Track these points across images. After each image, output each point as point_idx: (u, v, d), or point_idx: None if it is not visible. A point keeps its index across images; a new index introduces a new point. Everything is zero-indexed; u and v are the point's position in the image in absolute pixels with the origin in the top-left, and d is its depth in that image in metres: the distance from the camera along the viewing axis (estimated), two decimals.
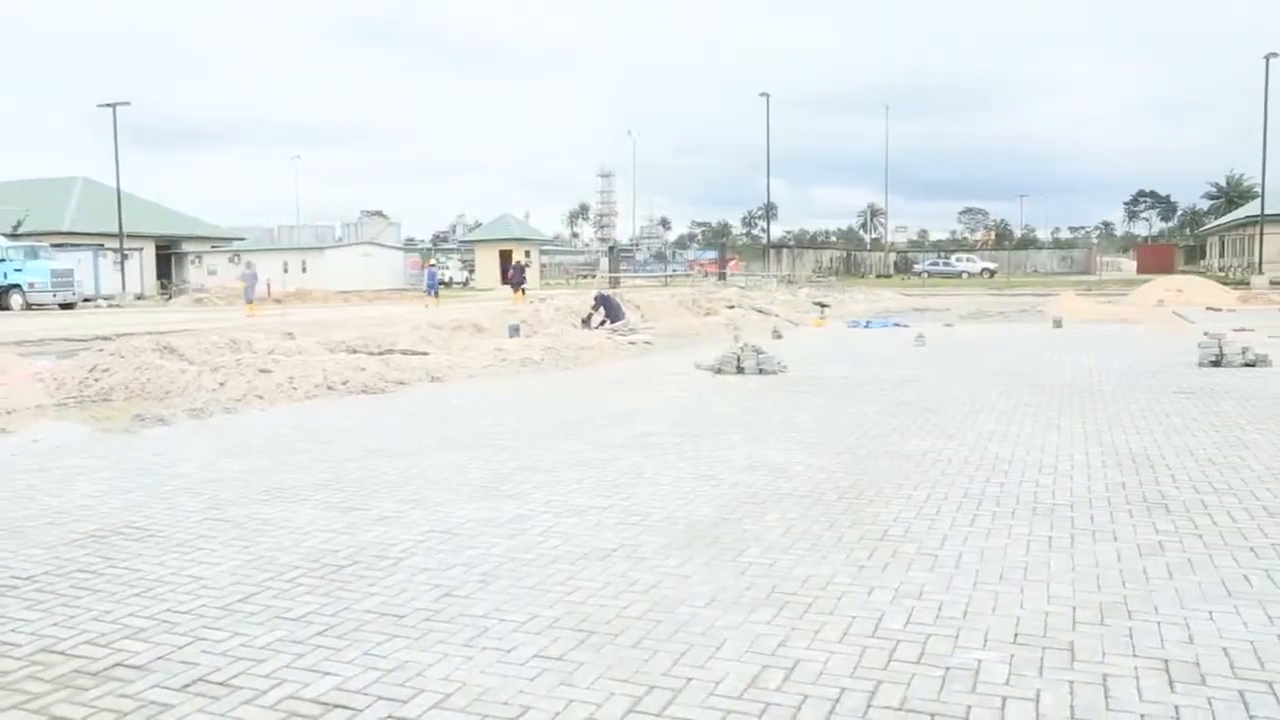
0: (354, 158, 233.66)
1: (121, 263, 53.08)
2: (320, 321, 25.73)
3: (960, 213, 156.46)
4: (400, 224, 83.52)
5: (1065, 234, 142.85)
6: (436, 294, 43.62)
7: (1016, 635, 3.92)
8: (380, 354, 14.51)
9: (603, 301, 20.70)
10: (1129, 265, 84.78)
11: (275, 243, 71.24)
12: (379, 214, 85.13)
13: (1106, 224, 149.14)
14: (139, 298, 52.72)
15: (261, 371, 11.99)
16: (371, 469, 7.34)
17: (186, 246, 66.27)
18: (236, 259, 66.69)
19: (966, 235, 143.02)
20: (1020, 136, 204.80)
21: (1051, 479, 6.71)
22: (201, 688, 3.56)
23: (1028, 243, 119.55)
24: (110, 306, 44.67)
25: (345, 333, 18.51)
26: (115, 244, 52.97)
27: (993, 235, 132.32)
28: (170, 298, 52.60)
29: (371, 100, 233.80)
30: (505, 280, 51.03)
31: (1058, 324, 22.20)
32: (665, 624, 4.09)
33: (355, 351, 14.92)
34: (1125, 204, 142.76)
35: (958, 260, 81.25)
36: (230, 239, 70.48)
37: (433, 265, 51.29)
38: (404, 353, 14.82)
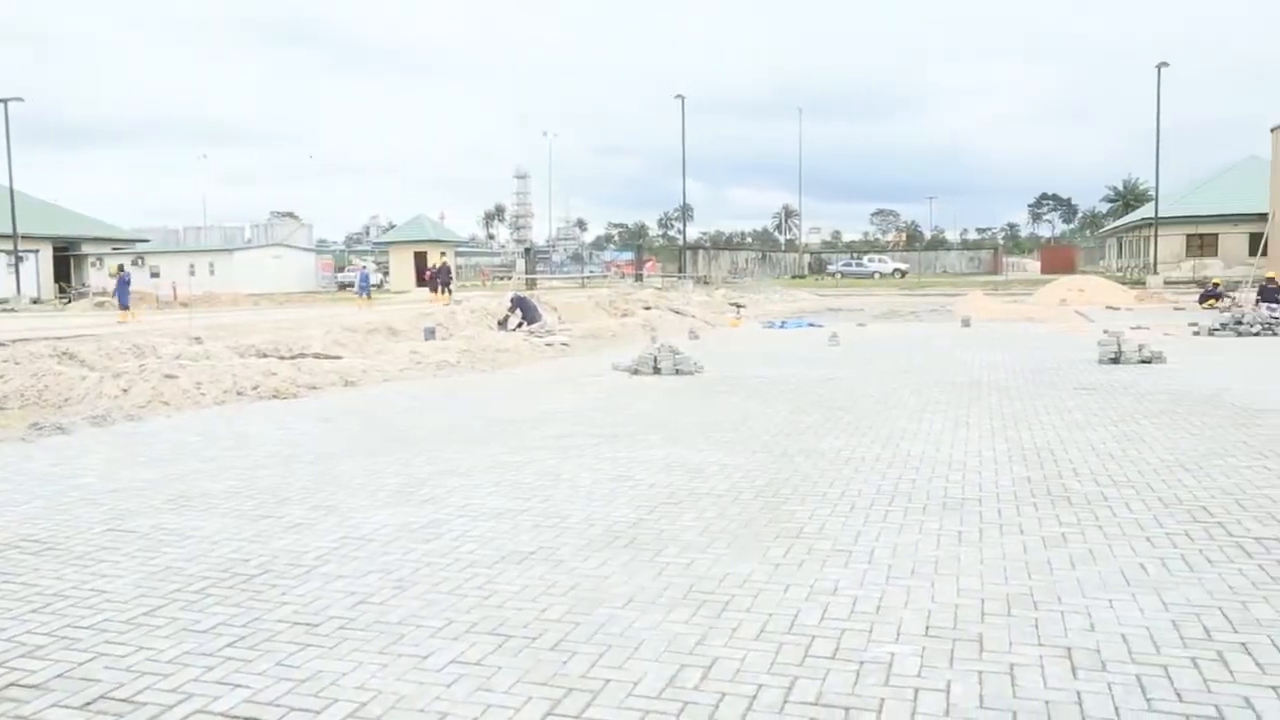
0: (263, 158, 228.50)
1: (15, 265, 50.96)
2: (229, 325, 25.08)
3: (872, 214, 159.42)
4: (312, 226, 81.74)
5: (973, 235, 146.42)
6: (369, 295, 44.21)
7: (928, 628, 4.01)
8: (292, 358, 14.22)
9: (519, 303, 20.58)
10: (1033, 266, 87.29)
11: (181, 244, 69.21)
12: (290, 215, 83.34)
13: (1012, 225, 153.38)
14: (35, 302, 50.73)
15: (167, 377, 11.65)
16: (283, 475, 7.18)
17: (86, 248, 63.98)
18: (140, 261, 64.74)
19: (879, 236, 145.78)
20: (930, 140, 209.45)
21: (961, 474, 6.88)
22: (104, 705, 3.44)
23: (937, 244, 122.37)
24: (3, 311, 42.91)
25: (255, 337, 18.08)
26: (8, 245, 50.83)
27: (904, 236, 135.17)
28: (69, 301, 50.73)
29: (280, 100, 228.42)
30: (423, 282, 50.60)
31: (966, 323, 22.79)
32: (583, 626, 4.09)
33: (266, 356, 14.59)
34: (1029, 206, 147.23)
35: (870, 261, 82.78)
36: (133, 240, 68.27)
37: (364, 267, 51.55)
38: (316, 356, 14.55)
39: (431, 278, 49.82)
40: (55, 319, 34.86)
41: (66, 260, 62.34)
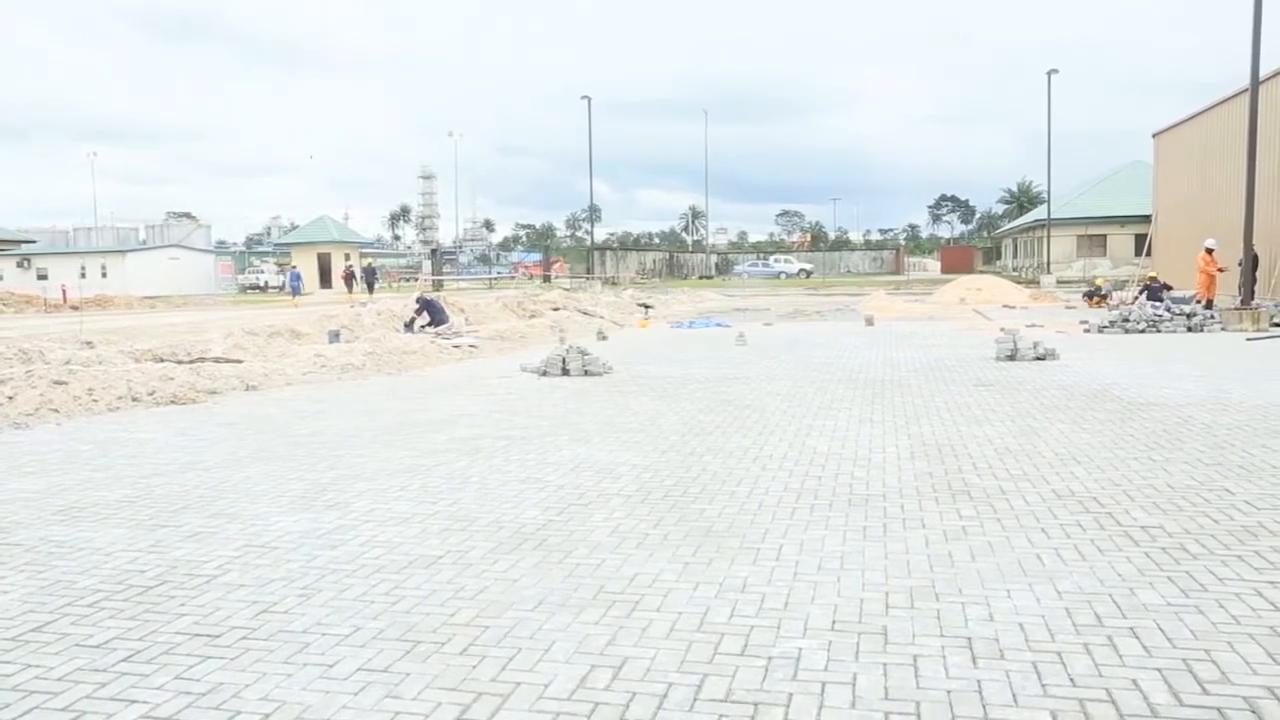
0: (156, 158, 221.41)
1: None
2: (123, 329, 24.23)
3: (778, 215, 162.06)
4: (210, 227, 79.47)
5: (876, 235, 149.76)
6: (297, 293, 45.39)
7: (834, 623, 4.08)
8: (191, 362, 13.80)
9: (426, 305, 20.32)
10: (934, 265, 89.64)
11: (71, 245, 66.61)
12: (187, 216, 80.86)
13: (913, 226, 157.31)
14: None
15: (56, 383, 11.19)
16: (181, 483, 6.97)
17: None
18: (26, 263, 62.10)
19: (784, 237, 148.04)
20: (833, 142, 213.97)
21: (865, 470, 7.02)
22: None
23: (841, 244, 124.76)
24: None
25: (151, 340, 17.51)
26: None
27: (809, 237, 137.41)
28: None
29: (177, 98, 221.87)
30: (322, 282, 50.19)
31: (869, 322, 23.28)
32: (493, 629, 4.06)
33: (163, 360, 14.14)
34: (929, 207, 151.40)
35: (776, 261, 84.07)
36: (19, 241, 65.35)
37: (294, 267, 51.45)
38: (216, 360, 14.15)
39: (348, 277, 49.72)
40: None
41: None
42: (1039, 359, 14.00)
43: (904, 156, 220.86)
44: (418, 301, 20.77)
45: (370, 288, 49.05)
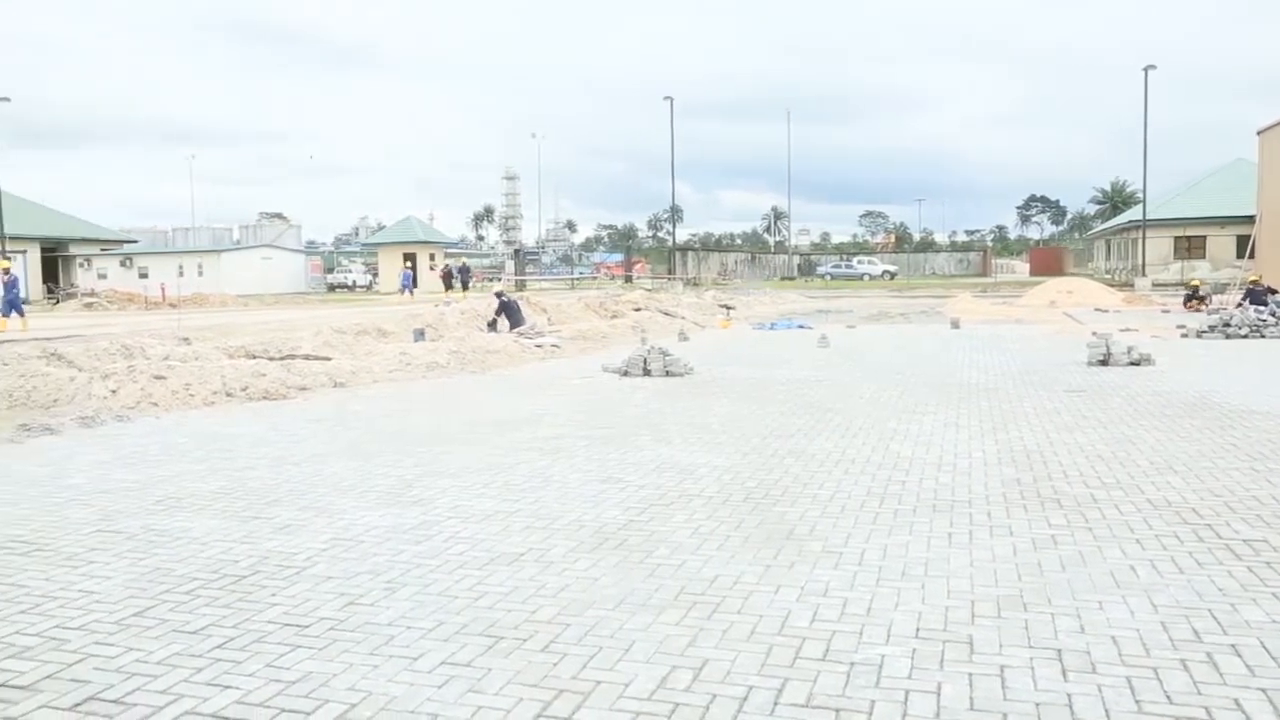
0: (252, 159, 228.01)
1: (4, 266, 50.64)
2: (218, 326, 25.00)
3: (861, 216, 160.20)
4: (301, 227, 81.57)
5: (962, 237, 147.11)
6: (412, 292, 47.82)
7: (918, 630, 4.01)
8: (281, 359, 14.17)
9: (505, 306, 20.51)
10: (1022, 268, 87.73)
11: (170, 246, 68.99)
12: (279, 216, 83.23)
13: (1001, 227, 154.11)
14: (24, 302, 50.44)
15: (156, 378, 11.60)
16: (273, 476, 7.16)
17: (74, 249, 63.69)
18: (128, 263, 64.45)
19: (868, 238, 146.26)
20: (919, 142, 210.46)
21: (951, 476, 6.89)
22: (93, 706, 3.42)
23: (926, 245, 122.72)
24: None
25: (245, 337, 18.03)
26: None
27: (893, 238, 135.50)
28: (58, 302, 50.52)
29: (268, 101, 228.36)
30: (444, 280, 51.89)
31: (955, 325, 22.85)
32: (574, 627, 4.09)
33: (255, 357, 14.54)
34: (1018, 208, 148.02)
35: (859, 263, 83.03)
36: (121, 241, 68.00)
37: (408, 268, 54.04)
38: (306, 358, 14.51)
39: (446, 276, 51.64)
40: (46, 319, 34.70)
41: (55, 261, 62.03)
42: (1133, 364, 13.59)
43: (991, 156, 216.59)
44: (496, 296, 20.98)
45: (465, 286, 50.37)
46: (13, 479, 7.23)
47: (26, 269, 55.40)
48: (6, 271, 30.67)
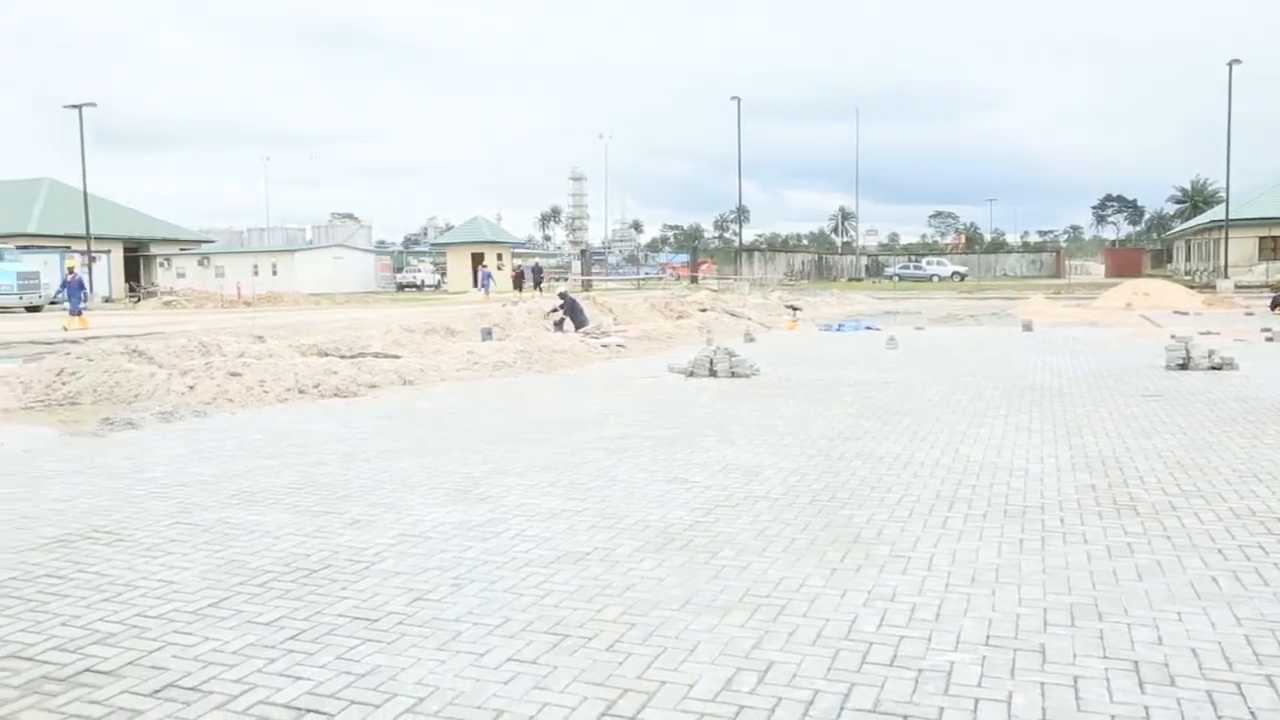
0: (322, 160, 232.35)
1: (89, 265, 52.37)
2: (291, 324, 25.53)
3: (930, 216, 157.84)
4: (371, 227, 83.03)
5: (1034, 238, 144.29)
6: (488, 291, 49.00)
7: (988, 637, 3.94)
8: (352, 357, 14.42)
9: (568, 305, 20.61)
10: (1097, 269, 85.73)
11: (245, 245, 70.64)
12: (350, 217, 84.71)
13: (1075, 228, 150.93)
14: (107, 300, 52.13)
15: (232, 375, 11.88)
16: (343, 472, 7.29)
17: (155, 249, 65.59)
18: (205, 262, 66.10)
19: (937, 239, 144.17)
20: (990, 140, 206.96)
21: (1022, 481, 6.76)
22: (172, 693, 3.52)
23: (997, 246, 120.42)
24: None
25: (316, 336, 18.38)
26: (82, 246, 52.30)
27: (963, 239, 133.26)
28: (139, 300, 52.05)
29: (337, 103, 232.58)
30: (515, 281, 53.01)
31: (1027, 327, 22.40)
32: (639, 627, 4.09)
33: (327, 355, 14.82)
34: (1093, 208, 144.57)
35: (928, 264, 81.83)
36: (199, 241, 69.84)
37: (484, 267, 55.52)
38: (376, 356, 14.74)
39: (517, 276, 52.84)
40: (128, 317, 35.76)
41: (136, 260, 63.93)
42: (1214, 368, 13.19)
43: (1066, 154, 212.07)
44: (560, 297, 21.10)
45: (537, 285, 51.27)
46: (97, 471, 7.46)
47: (110, 268, 57.24)
48: (72, 271, 31.02)
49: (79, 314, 29.09)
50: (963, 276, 75.54)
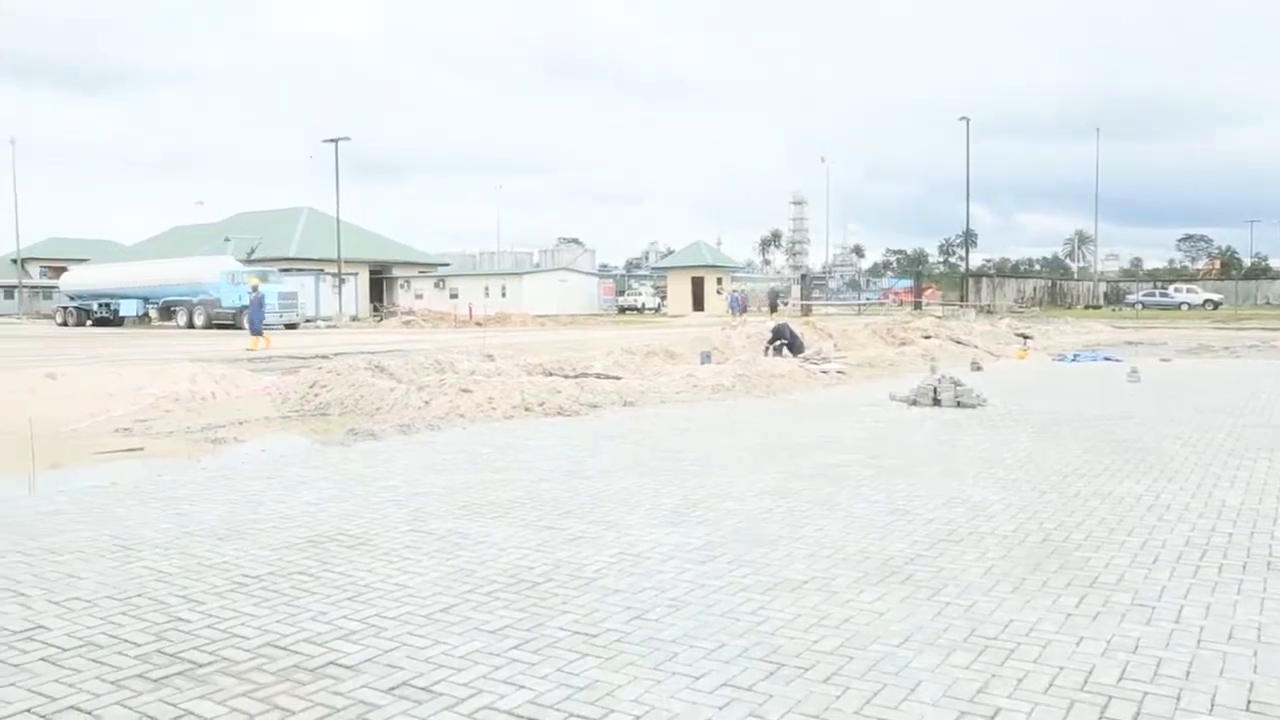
0: (549, 186, 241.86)
1: (339, 286, 56.74)
2: (518, 344, 26.63)
3: (1179, 240, 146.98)
4: (594, 251, 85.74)
5: None
6: (736, 314, 49.94)
7: (1249, 702, 3.59)
8: (575, 377, 14.88)
9: (788, 338, 20.30)
10: None
11: (477, 268, 74.47)
12: (575, 241, 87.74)
13: None
14: (353, 319, 56.22)
15: (463, 391, 12.51)
16: (565, 489, 7.51)
17: (396, 271, 70.18)
18: (441, 284, 70.03)
19: (1187, 264, 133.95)
20: (1248, 156, 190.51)
21: None
22: (406, 691, 3.72)
23: (1258, 272, 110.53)
24: (328, 327, 47.75)
25: (542, 356, 19.08)
26: (334, 269, 56.70)
27: (1217, 264, 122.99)
28: (381, 319, 55.81)
29: (566, 132, 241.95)
30: (771, 307, 54.17)
31: None
32: (857, 661, 3.99)
33: (551, 374, 15.36)
34: None
35: (1176, 291, 76.02)
36: (435, 264, 74.18)
37: (734, 292, 56.93)
38: (598, 376, 15.15)
39: (772, 302, 54.30)
40: (372, 334, 38.36)
41: (380, 282, 68.62)
42: None
43: None
44: (773, 332, 20.84)
45: (773, 309, 51.74)
46: (343, 478, 8.02)
47: (357, 289, 61.70)
48: (255, 289, 30.12)
49: (260, 334, 27.61)
50: (1216, 305, 69.72)
